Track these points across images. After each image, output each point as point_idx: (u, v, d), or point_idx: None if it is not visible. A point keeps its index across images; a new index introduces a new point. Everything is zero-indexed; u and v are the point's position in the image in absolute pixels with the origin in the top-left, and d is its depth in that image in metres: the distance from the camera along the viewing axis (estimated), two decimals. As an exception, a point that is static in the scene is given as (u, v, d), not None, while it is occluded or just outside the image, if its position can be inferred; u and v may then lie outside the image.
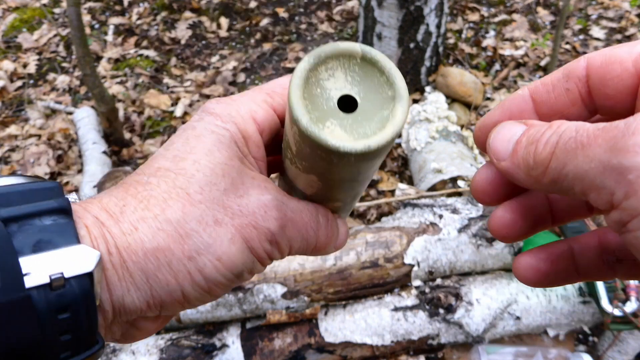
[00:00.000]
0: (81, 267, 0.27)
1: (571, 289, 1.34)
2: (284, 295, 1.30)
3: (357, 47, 0.31)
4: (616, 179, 0.22)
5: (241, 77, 2.91)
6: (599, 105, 0.29)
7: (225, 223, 0.31)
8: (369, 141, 0.28)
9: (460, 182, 1.73)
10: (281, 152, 0.36)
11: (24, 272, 0.25)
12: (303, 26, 3.21)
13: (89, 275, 0.27)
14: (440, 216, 1.38)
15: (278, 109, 0.36)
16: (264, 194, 0.33)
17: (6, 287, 0.24)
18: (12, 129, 2.62)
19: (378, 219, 1.86)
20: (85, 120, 2.47)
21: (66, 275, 0.26)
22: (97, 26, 3.27)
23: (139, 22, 3.28)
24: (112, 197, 0.31)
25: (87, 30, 3.13)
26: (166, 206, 0.30)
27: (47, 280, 0.26)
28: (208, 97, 2.79)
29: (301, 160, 0.32)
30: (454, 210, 1.39)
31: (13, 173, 2.18)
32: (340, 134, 0.29)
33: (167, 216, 0.30)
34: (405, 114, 0.29)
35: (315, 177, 0.33)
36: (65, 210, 0.28)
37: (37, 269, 0.26)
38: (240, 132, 0.34)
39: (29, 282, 0.25)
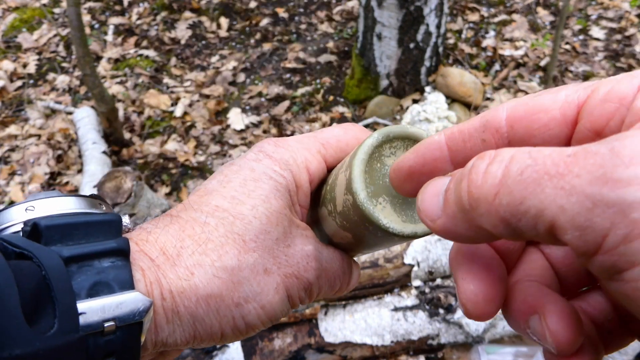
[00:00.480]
0: (133, 316, 0.27)
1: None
2: (284, 295, 1.30)
3: (424, 133, 0.32)
4: (612, 218, 0.18)
5: (241, 77, 2.91)
6: None
7: (273, 272, 0.32)
8: (416, 227, 0.31)
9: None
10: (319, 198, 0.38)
11: (80, 315, 0.26)
12: (303, 26, 3.21)
13: (139, 324, 0.28)
14: (440, 216, 1.38)
15: (329, 160, 0.37)
16: (307, 245, 0.34)
17: (63, 329, 0.25)
18: (12, 129, 2.62)
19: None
20: (85, 120, 2.47)
21: (118, 324, 0.27)
22: (97, 26, 3.27)
23: (139, 22, 3.28)
24: (169, 237, 0.31)
25: (87, 30, 3.13)
26: (223, 252, 0.31)
27: (100, 328, 0.26)
28: (208, 97, 2.79)
29: (343, 220, 0.34)
30: (454, 211, 1.39)
31: (74, 191, 2.19)
32: (390, 213, 0.31)
33: (224, 263, 0.31)
34: None
35: (350, 235, 0.35)
36: (124, 252, 0.29)
37: (92, 313, 0.26)
38: (295, 181, 0.35)
39: (84, 326, 0.26)
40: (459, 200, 0.22)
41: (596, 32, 2.83)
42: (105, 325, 0.27)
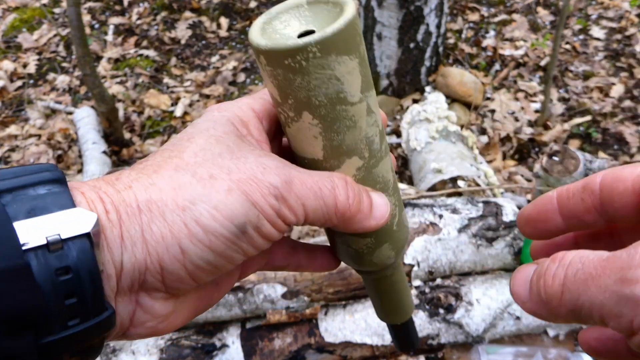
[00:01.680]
0: (78, 228, 0.26)
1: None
2: (284, 295, 1.30)
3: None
4: (632, 308, 0.23)
5: (241, 77, 2.91)
6: (611, 215, 0.33)
7: (222, 178, 0.30)
8: (323, 31, 0.29)
9: (460, 182, 1.73)
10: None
11: (19, 237, 0.25)
12: (303, 26, 3.21)
13: (88, 236, 0.26)
14: (440, 216, 1.38)
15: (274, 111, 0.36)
16: (263, 157, 0.32)
17: (3, 255, 0.24)
18: (12, 129, 2.62)
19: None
20: (85, 120, 2.47)
21: (63, 237, 0.26)
22: (97, 26, 3.27)
23: (139, 22, 3.28)
24: (108, 176, 0.32)
25: (87, 30, 3.13)
26: (159, 168, 0.31)
27: (44, 242, 0.25)
28: (208, 97, 2.79)
29: (285, 100, 0.32)
30: (454, 210, 1.39)
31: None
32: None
33: (162, 174, 0.30)
34: (354, 8, 0.31)
35: (308, 114, 0.32)
36: (60, 180, 0.28)
37: (33, 232, 0.25)
38: (238, 115, 0.34)
39: (26, 246, 0.25)
40: (539, 294, 0.28)
41: (596, 32, 2.83)
42: (49, 239, 0.25)
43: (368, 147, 0.34)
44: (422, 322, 1.30)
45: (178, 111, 2.70)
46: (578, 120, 2.40)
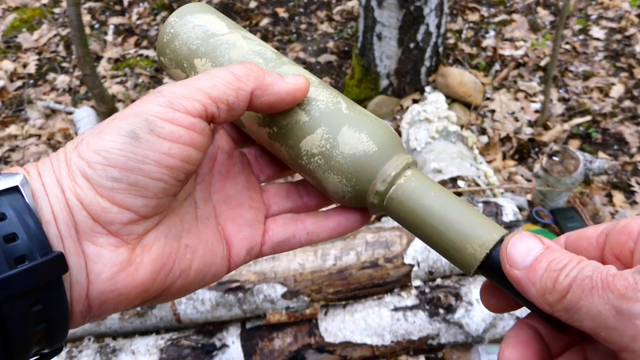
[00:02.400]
0: (6, 184, 0.29)
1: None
2: (284, 295, 1.30)
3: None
4: (625, 323, 0.26)
5: (241, 77, 2.91)
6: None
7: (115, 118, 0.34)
8: None
9: (460, 182, 1.73)
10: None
11: None
12: (303, 26, 3.21)
13: (16, 189, 0.30)
14: (440, 216, 1.38)
15: None
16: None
17: None
18: (12, 129, 2.62)
19: (378, 219, 1.86)
20: (85, 120, 2.47)
21: None
22: (97, 26, 3.27)
23: (138, 22, 3.28)
24: None
25: (87, 30, 3.13)
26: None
27: None
28: (208, 97, 2.79)
29: (175, 59, 0.44)
30: (454, 210, 1.39)
31: None
32: None
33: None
34: None
35: (198, 59, 0.43)
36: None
37: None
38: None
39: None
40: (545, 281, 0.30)
41: (596, 32, 2.83)
42: None
43: (260, 56, 0.41)
44: (422, 322, 1.30)
45: (178, 111, 2.70)
46: (578, 120, 2.40)
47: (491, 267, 0.34)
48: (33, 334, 0.29)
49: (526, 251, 0.32)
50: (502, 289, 0.34)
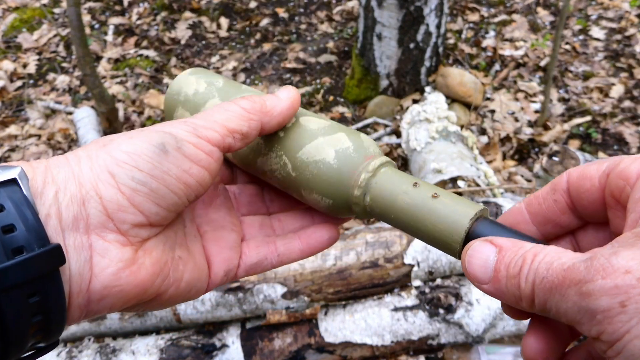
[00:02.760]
0: (4, 176, 0.30)
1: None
2: (284, 295, 1.30)
3: None
4: (589, 319, 0.26)
5: (241, 77, 2.91)
6: (581, 213, 0.34)
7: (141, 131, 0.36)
8: None
9: (460, 182, 1.73)
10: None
11: None
12: (303, 26, 3.21)
13: (14, 182, 0.30)
14: (440, 216, 1.38)
15: None
16: None
17: None
18: (12, 129, 2.62)
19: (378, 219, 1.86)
20: (85, 120, 2.47)
21: None
22: (97, 26, 3.27)
23: (139, 22, 3.28)
24: None
25: (87, 30, 3.13)
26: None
27: None
28: (208, 97, 2.79)
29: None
30: (454, 211, 1.39)
31: None
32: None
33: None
34: None
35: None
36: None
37: None
38: None
39: None
40: (511, 290, 0.30)
41: (596, 32, 2.83)
42: None
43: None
44: (422, 322, 1.30)
45: (178, 111, 2.70)
46: (578, 120, 2.40)
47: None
48: (29, 325, 0.29)
49: (483, 263, 0.32)
50: None
